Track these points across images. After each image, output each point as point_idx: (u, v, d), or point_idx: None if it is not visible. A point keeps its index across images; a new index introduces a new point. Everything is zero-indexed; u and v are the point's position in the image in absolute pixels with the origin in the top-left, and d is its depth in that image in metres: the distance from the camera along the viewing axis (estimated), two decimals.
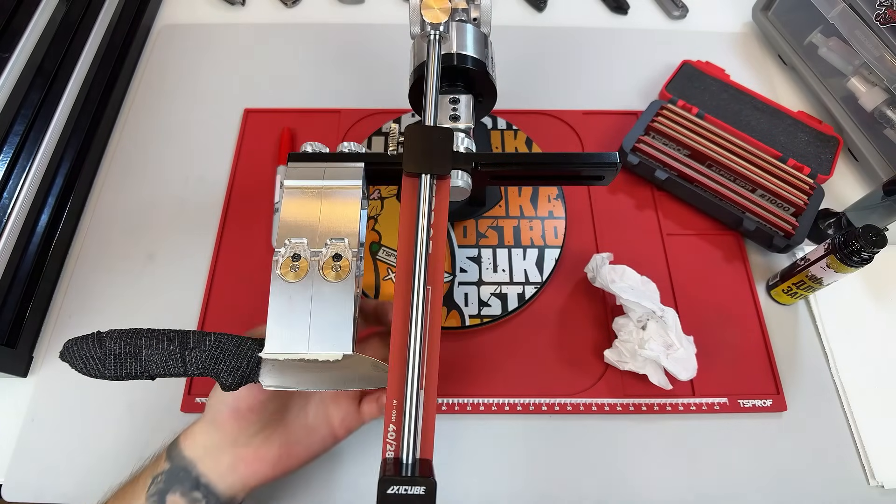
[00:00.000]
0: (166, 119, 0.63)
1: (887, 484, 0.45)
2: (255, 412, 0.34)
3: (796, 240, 0.53)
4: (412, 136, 0.35)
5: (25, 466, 0.46)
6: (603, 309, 0.52)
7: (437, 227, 0.33)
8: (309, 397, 0.39)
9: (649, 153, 0.58)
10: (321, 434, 0.38)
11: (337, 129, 0.62)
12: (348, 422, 0.39)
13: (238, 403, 0.34)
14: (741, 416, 0.48)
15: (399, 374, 0.29)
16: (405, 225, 0.33)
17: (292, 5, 0.73)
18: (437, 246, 0.33)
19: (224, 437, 0.35)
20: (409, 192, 0.34)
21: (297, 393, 0.37)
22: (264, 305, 0.32)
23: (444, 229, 0.33)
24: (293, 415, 0.38)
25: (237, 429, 0.35)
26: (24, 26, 0.53)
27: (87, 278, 0.54)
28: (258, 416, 0.35)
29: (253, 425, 0.35)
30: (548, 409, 0.48)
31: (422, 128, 0.36)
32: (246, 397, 0.34)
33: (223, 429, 0.35)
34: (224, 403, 0.34)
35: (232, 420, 0.34)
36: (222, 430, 0.35)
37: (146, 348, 0.31)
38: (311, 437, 0.38)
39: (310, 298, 0.32)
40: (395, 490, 0.26)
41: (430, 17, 0.40)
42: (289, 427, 0.37)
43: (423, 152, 0.34)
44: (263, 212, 0.57)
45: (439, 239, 0.33)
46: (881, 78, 0.57)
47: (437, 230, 0.33)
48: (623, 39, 0.71)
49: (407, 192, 0.34)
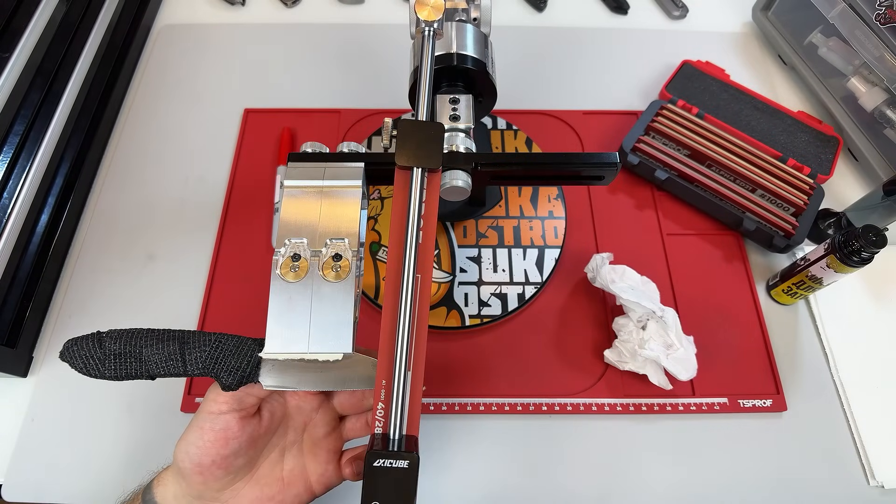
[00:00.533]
0: (166, 119, 0.63)
1: (887, 484, 0.45)
2: (220, 467, 0.32)
3: (796, 240, 0.53)
4: (404, 130, 0.35)
5: (25, 466, 0.46)
6: (603, 309, 0.52)
7: (428, 218, 0.34)
8: (285, 449, 0.36)
9: (649, 153, 0.58)
10: (296, 489, 0.35)
11: (337, 129, 0.62)
12: (327, 478, 0.36)
13: (202, 458, 0.32)
14: (741, 416, 0.48)
15: (388, 357, 0.30)
16: (397, 216, 0.34)
17: (292, 5, 0.73)
18: (427, 237, 0.34)
19: (189, 490, 0.33)
20: (401, 185, 0.35)
21: (271, 445, 0.35)
22: (264, 305, 0.32)
23: (434, 221, 0.34)
24: (266, 469, 0.35)
25: (201, 483, 0.33)
26: (24, 26, 0.53)
27: (87, 278, 0.54)
28: (224, 471, 0.32)
29: (219, 480, 0.33)
30: (548, 409, 0.48)
31: (414, 122, 0.36)
32: (210, 451, 0.32)
33: (188, 481, 0.33)
34: (187, 455, 0.32)
35: (195, 475, 0.32)
36: (187, 483, 0.33)
37: (146, 348, 0.31)
38: (285, 493, 0.35)
39: (310, 298, 0.32)
40: (381, 463, 0.28)
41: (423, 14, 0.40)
42: (261, 482, 0.35)
43: (414, 146, 0.35)
44: (263, 212, 0.57)
45: (429, 230, 0.34)
46: (881, 78, 0.57)
47: (428, 221, 0.34)
48: (623, 39, 0.71)
49: (399, 185, 0.35)
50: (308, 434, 0.36)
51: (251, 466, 0.35)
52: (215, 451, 0.32)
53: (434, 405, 0.48)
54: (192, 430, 0.33)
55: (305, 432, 0.37)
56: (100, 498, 0.37)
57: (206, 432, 0.32)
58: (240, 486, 0.34)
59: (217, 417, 0.32)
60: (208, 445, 0.32)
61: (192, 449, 0.32)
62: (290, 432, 0.36)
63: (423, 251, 0.33)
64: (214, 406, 0.32)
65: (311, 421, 0.37)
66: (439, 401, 0.48)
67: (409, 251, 0.32)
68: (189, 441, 0.32)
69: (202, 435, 0.32)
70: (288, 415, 0.36)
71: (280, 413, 0.36)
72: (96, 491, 0.39)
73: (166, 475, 0.35)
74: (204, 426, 0.32)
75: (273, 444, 0.36)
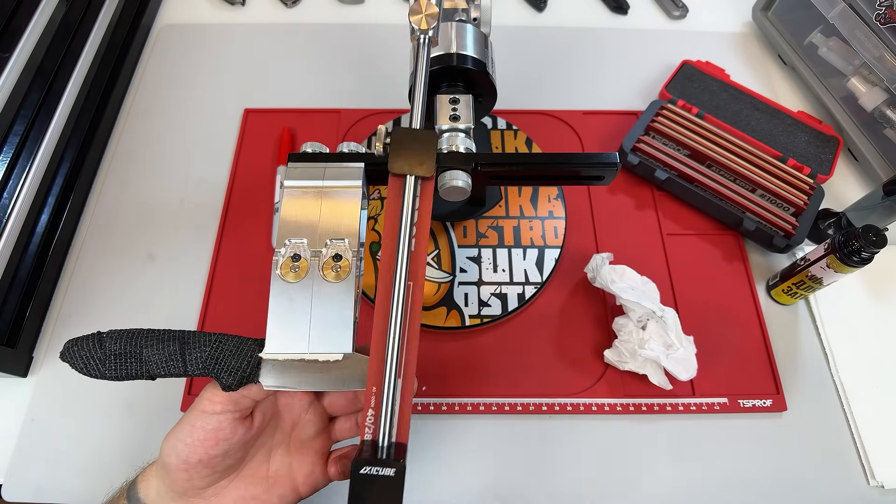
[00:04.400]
0: (166, 119, 0.63)
1: (887, 484, 0.45)
2: (206, 466, 0.32)
3: (796, 240, 0.53)
4: (398, 138, 0.36)
5: (25, 466, 0.46)
6: (603, 309, 0.52)
7: (421, 226, 0.34)
8: (272, 449, 0.36)
9: (649, 153, 0.58)
10: (281, 490, 0.35)
11: (337, 129, 0.62)
12: (314, 479, 0.36)
13: (189, 456, 0.32)
14: (741, 416, 0.48)
15: (378, 364, 0.30)
16: (390, 223, 0.34)
17: (292, 5, 0.73)
18: (419, 244, 0.34)
19: (173, 487, 0.33)
20: (394, 192, 0.35)
21: (258, 444, 0.35)
22: (264, 305, 0.32)
23: (427, 228, 0.34)
24: (252, 468, 0.35)
25: (186, 480, 0.32)
26: (24, 26, 0.53)
27: (87, 278, 0.54)
28: (210, 470, 0.32)
29: (204, 479, 0.33)
30: (548, 409, 0.48)
31: (407, 130, 0.36)
32: (198, 450, 0.31)
33: (172, 478, 0.32)
34: (175, 452, 0.32)
35: (181, 471, 0.32)
36: (171, 479, 0.33)
37: (146, 348, 0.31)
38: (270, 493, 0.35)
39: (310, 298, 0.32)
40: (368, 471, 0.27)
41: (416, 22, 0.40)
42: (245, 481, 0.34)
43: (407, 154, 0.35)
44: (263, 212, 0.57)
45: (422, 237, 0.34)
46: (881, 78, 0.57)
47: (421, 229, 0.34)
48: (623, 39, 0.71)
49: (392, 192, 0.35)
50: (296, 434, 0.36)
51: (238, 466, 0.34)
52: (203, 451, 0.32)
53: (434, 405, 0.48)
54: (183, 426, 0.32)
55: (294, 432, 0.36)
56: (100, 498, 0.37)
57: (197, 430, 0.32)
58: (224, 485, 0.34)
59: (210, 417, 0.32)
60: (197, 444, 0.31)
61: (181, 446, 0.32)
62: (278, 432, 0.36)
63: (416, 259, 0.33)
64: (209, 405, 0.32)
65: (299, 421, 0.36)
66: (439, 401, 0.48)
67: (401, 258, 0.32)
68: (178, 438, 0.32)
69: (192, 433, 0.32)
70: (277, 414, 0.36)
71: (270, 414, 0.35)
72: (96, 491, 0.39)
73: (150, 471, 0.35)
74: (195, 424, 0.32)
75: (260, 443, 0.35)
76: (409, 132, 0.36)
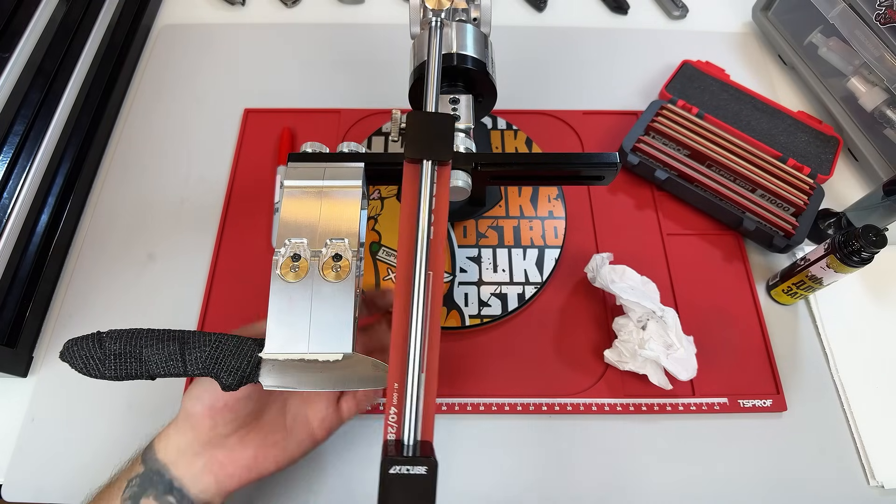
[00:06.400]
0: (166, 119, 0.63)
1: (887, 484, 0.45)
2: (230, 410, 0.34)
3: (796, 240, 0.53)
4: (414, 122, 0.35)
5: (25, 466, 0.46)
6: (603, 309, 0.52)
7: (438, 213, 0.33)
8: (288, 398, 0.38)
9: (649, 153, 0.58)
10: (299, 436, 0.37)
11: (337, 129, 0.62)
12: (328, 422, 0.38)
13: (214, 401, 0.33)
14: (741, 416, 0.48)
15: (401, 358, 0.29)
16: (406, 211, 0.33)
17: (292, 5, 0.73)
18: (437, 232, 0.33)
19: (197, 437, 0.34)
20: (410, 179, 0.34)
21: (275, 393, 0.37)
22: (264, 305, 0.32)
23: (444, 215, 0.33)
24: (270, 416, 0.37)
25: (210, 428, 0.34)
26: (24, 26, 0.53)
27: (87, 278, 0.54)
28: (234, 414, 0.34)
29: (228, 425, 0.34)
30: (548, 409, 0.48)
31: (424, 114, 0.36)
32: (223, 395, 0.33)
33: (197, 427, 0.34)
34: (199, 400, 0.34)
35: (206, 418, 0.34)
36: (196, 429, 0.34)
37: (146, 348, 0.31)
38: (289, 440, 0.37)
39: (310, 298, 0.32)
40: (398, 470, 0.26)
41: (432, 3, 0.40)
42: (265, 428, 0.36)
43: (424, 139, 0.35)
44: (263, 212, 0.57)
45: (440, 225, 0.33)
46: (881, 78, 0.57)
47: (438, 216, 0.33)
48: (623, 39, 0.71)
49: (408, 179, 0.34)
50: None
51: (258, 413, 0.36)
52: (229, 394, 0.33)
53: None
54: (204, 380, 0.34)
55: None
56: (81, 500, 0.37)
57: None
58: (244, 433, 0.35)
59: None
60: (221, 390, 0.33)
61: (205, 395, 0.33)
62: None
63: (435, 247, 0.32)
64: None
65: None
66: (439, 401, 0.48)
67: (420, 247, 0.31)
68: (202, 388, 0.34)
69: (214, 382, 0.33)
70: None
71: None
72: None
73: (169, 430, 0.36)
74: None
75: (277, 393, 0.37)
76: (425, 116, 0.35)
